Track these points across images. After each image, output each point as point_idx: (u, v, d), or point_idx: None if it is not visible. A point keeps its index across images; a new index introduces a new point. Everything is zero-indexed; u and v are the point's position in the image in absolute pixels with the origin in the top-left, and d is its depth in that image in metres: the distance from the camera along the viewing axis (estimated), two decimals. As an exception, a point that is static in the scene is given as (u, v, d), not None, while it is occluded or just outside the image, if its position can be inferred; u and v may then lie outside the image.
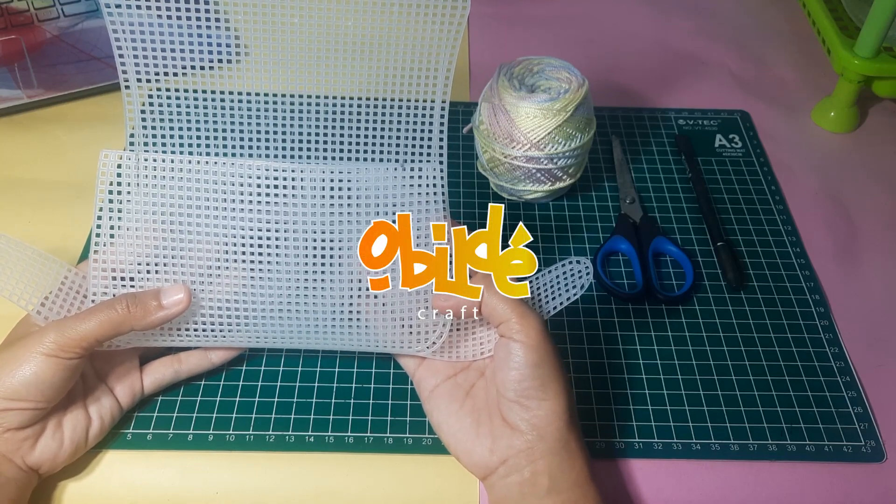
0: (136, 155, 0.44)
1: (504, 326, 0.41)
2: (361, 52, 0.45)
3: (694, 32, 0.81)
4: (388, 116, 0.46)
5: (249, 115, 0.46)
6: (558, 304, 0.45)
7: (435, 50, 0.44)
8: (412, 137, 0.46)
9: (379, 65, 0.45)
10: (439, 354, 0.45)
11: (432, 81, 0.45)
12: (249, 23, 0.43)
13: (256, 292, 0.44)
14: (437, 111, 0.45)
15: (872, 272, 0.58)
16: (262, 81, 0.45)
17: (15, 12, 0.65)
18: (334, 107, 0.46)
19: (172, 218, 0.44)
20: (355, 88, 0.46)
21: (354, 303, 0.45)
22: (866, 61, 0.64)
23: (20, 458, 0.41)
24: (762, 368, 0.51)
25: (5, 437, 0.40)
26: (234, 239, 0.44)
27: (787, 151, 0.67)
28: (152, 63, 0.43)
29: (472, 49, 0.77)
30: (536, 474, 0.40)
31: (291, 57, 0.45)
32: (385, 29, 0.44)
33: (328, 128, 0.47)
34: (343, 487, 0.45)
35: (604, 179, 0.63)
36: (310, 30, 0.44)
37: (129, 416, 0.47)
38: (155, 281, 0.44)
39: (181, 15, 0.42)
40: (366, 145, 0.47)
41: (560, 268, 0.45)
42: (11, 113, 0.67)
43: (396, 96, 0.45)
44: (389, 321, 0.45)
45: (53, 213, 0.59)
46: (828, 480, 0.46)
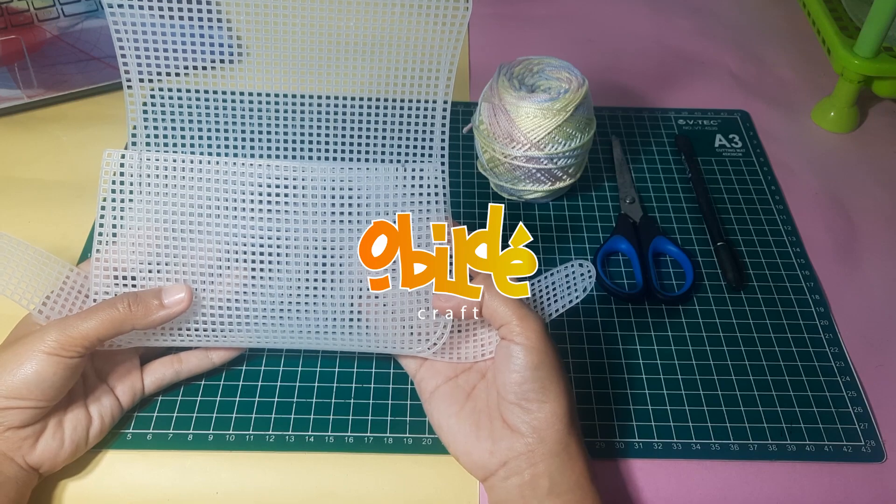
0: (139, 154, 0.44)
1: (504, 328, 0.41)
2: (363, 52, 0.46)
3: (694, 32, 0.81)
4: (389, 116, 0.46)
5: (251, 115, 0.46)
6: (560, 308, 0.45)
7: (437, 51, 0.44)
8: (414, 137, 0.46)
9: (381, 65, 0.46)
10: (440, 355, 0.45)
11: (434, 82, 0.45)
12: (251, 23, 0.43)
13: (258, 292, 0.45)
14: (438, 111, 0.45)
15: (872, 272, 0.58)
16: (264, 81, 0.45)
17: (15, 12, 0.65)
18: (335, 107, 0.46)
19: (175, 217, 0.44)
20: (357, 88, 0.46)
21: (356, 303, 0.45)
22: (866, 61, 0.64)
23: (21, 457, 0.41)
24: (762, 368, 0.51)
25: (6, 436, 0.40)
26: (237, 238, 0.44)
27: (787, 151, 0.67)
28: (154, 62, 0.43)
29: (472, 49, 0.77)
30: (537, 476, 0.40)
31: (293, 56, 0.45)
32: (387, 29, 0.44)
33: (329, 127, 0.47)
34: (343, 487, 0.45)
35: (604, 179, 0.63)
36: (311, 30, 0.44)
37: (129, 415, 0.47)
38: (157, 280, 0.44)
39: (182, 14, 0.42)
40: (367, 145, 0.47)
41: (562, 270, 0.45)
42: (11, 113, 0.67)
43: (398, 96, 0.45)
44: (390, 322, 0.45)
45: (53, 213, 0.59)
46: (828, 480, 0.46)
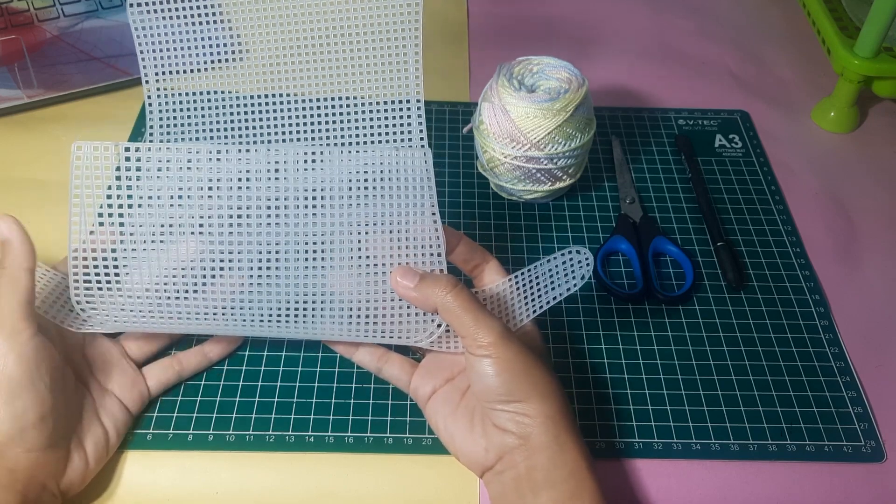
0: (108, 145, 0.42)
1: (463, 342, 0.41)
2: (326, 48, 0.47)
3: (694, 32, 0.81)
4: (366, 111, 0.48)
5: (240, 112, 0.47)
6: (557, 295, 0.44)
7: (400, 42, 0.45)
8: (394, 130, 0.47)
9: (348, 62, 0.47)
10: (438, 345, 0.45)
11: (404, 75, 0.46)
12: (247, 22, 0.44)
13: (251, 280, 0.44)
14: (413, 104, 0.45)
15: (872, 272, 0.58)
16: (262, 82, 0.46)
17: (15, 12, 0.65)
18: (307, 107, 0.47)
19: (152, 206, 0.43)
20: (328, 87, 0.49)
21: (354, 290, 0.45)
22: (866, 61, 0.64)
23: (55, 484, 0.41)
24: (762, 368, 0.51)
25: (35, 457, 0.40)
26: (223, 228, 0.43)
27: (787, 151, 0.67)
28: (167, 60, 0.45)
29: (471, 49, 0.77)
30: (531, 469, 0.40)
31: (274, 56, 0.46)
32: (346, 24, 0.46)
33: (307, 124, 0.48)
34: (343, 487, 0.45)
35: (604, 179, 0.63)
36: (286, 31, 0.45)
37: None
38: (135, 272, 0.43)
39: (194, 14, 0.44)
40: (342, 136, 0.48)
41: (559, 258, 0.45)
42: (11, 113, 0.67)
43: (367, 92, 0.47)
44: (388, 310, 0.44)
45: (53, 213, 0.59)
46: (828, 480, 0.46)
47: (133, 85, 0.69)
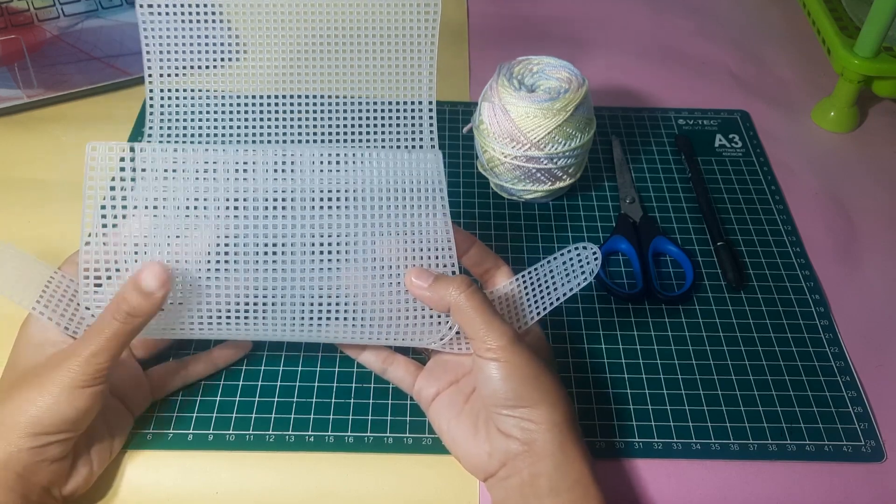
0: (127, 146, 0.42)
1: (473, 343, 0.41)
2: (343, 48, 0.47)
3: (694, 32, 0.81)
4: (377, 112, 0.47)
5: (246, 113, 0.47)
6: (567, 291, 0.44)
7: (416, 44, 0.44)
8: (404, 131, 0.47)
9: (361, 62, 0.47)
10: (448, 347, 0.45)
11: (417, 77, 0.45)
12: (246, 22, 0.44)
13: (265, 284, 0.43)
14: (425, 105, 0.45)
15: (872, 272, 0.58)
16: (261, 82, 0.46)
17: (15, 12, 0.65)
18: (324, 105, 0.47)
19: (167, 208, 0.42)
20: (341, 87, 0.48)
21: (367, 293, 0.44)
22: (866, 61, 0.64)
23: (58, 491, 0.41)
24: (762, 368, 0.51)
25: (52, 469, 0.40)
26: (237, 230, 0.42)
27: (787, 151, 0.67)
28: (173, 59, 0.46)
29: (472, 49, 0.77)
30: (535, 476, 0.40)
31: (283, 57, 0.46)
32: (364, 25, 0.46)
33: (322, 125, 0.48)
34: (343, 487, 0.45)
35: (604, 179, 0.63)
36: (297, 30, 0.45)
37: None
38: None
39: (202, 13, 0.44)
40: (355, 137, 0.48)
41: (567, 254, 0.45)
42: (11, 113, 0.67)
43: (380, 93, 0.47)
44: (400, 312, 0.44)
45: (53, 213, 0.59)
46: (828, 480, 0.46)
47: (133, 85, 0.69)
